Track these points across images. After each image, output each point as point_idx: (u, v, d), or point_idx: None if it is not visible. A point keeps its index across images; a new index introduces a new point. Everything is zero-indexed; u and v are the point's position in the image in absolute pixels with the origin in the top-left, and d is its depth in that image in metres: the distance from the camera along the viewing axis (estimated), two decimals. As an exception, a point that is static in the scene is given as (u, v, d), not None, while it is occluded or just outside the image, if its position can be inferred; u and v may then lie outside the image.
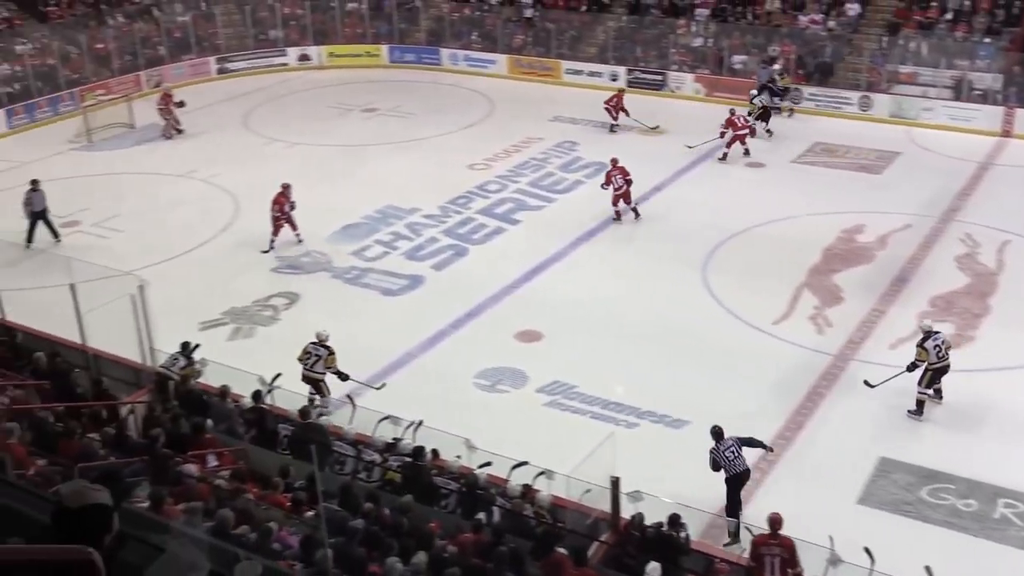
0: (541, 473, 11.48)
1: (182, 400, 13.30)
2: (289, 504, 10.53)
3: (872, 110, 27.26)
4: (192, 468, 10.94)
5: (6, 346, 14.70)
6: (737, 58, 29.51)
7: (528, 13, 33.26)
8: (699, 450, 13.07)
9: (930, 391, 14.12)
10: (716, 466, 12.10)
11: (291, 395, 13.35)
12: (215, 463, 11.77)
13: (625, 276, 18.50)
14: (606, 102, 26.90)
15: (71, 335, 14.59)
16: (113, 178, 24.41)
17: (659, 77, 30.24)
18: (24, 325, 15.30)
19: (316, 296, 18.14)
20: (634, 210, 21.09)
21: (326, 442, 12.23)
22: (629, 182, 20.92)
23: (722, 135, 24.45)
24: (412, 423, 12.56)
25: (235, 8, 34.97)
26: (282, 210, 19.87)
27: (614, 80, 30.32)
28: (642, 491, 10.91)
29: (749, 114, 25.37)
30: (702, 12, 30.94)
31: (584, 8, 32.79)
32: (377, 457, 12.06)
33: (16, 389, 12.71)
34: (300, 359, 14.37)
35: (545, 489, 11.35)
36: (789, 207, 21.19)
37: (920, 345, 13.97)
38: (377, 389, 14.64)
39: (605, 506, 10.91)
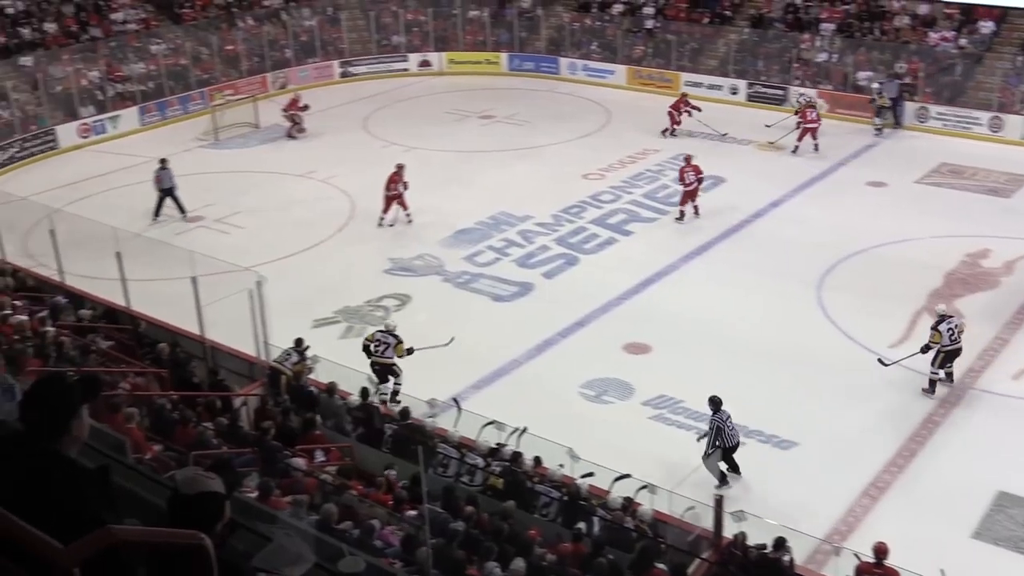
0: (644, 487, 11.39)
1: (293, 395, 13.60)
2: (391, 503, 10.66)
3: (1003, 131, 26.32)
4: (300, 462, 11.17)
5: (130, 334, 15.25)
6: (862, 74, 28.83)
7: (649, 24, 33.11)
8: (807, 473, 12.85)
9: (941, 373, 14.87)
10: (717, 435, 12.62)
11: (402, 397, 13.50)
12: (322, 458, 12.00)
13: (738, 291, 18.20)
14: (670, 107, 27.25)
15: (191, 326, 15.07)
16: (237, 176, 25.12)
17: (780, 92, 29.75)
18: (147, 315, 15.87)
19: (427, 299, 18.34)
20: (695, 208, 21.57)
21: (428, 443, 12.34)
22: (700, 180, 21.46)
23: (798, 125, 25.20)
24: (516, 429, 12.59)
25: (360, 14, 35.69)
26: (395, 188, 21.10)
27: (734, 93, 29.98)
28: (746, 511, 10.73)
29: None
30: (827, 27, 30.33)
31: (706, 20, 32.49)
32: (480, 461, 12.13)
33: (137, 376, 13.17)
34: (367, 348, 15.00)
35: (647, 503, 11.25)
36: (911, 228, 20.59)
37: (934, 328, 14.77)
38: (446, 345, 14.97)
39: (708, 524, 10.76)
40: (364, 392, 13.45)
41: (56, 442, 3.15)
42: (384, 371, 14.85)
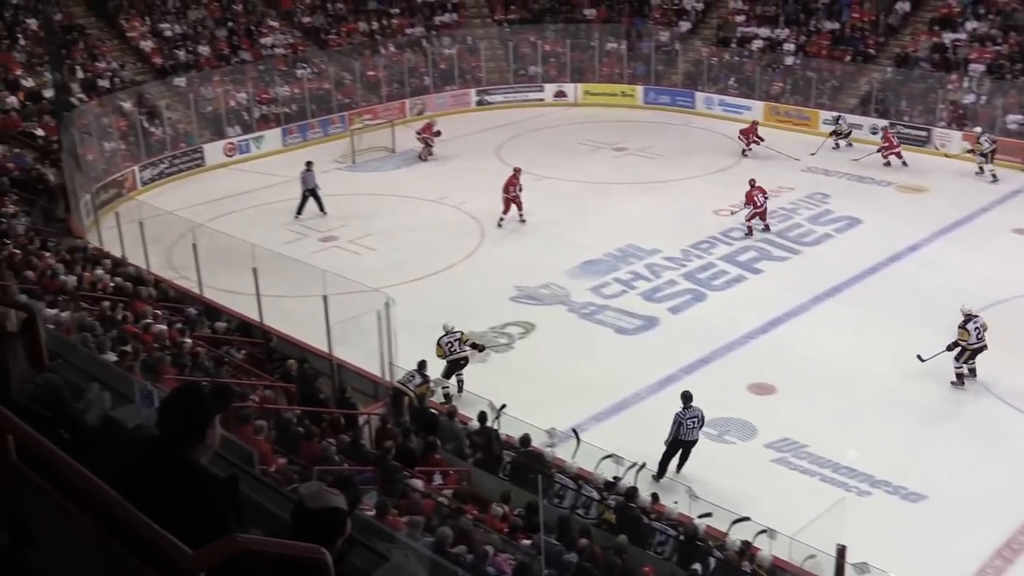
0: (763, 531, 11.14)
1: (414, 416, 13.78)
2: (506, 530, 10.67)
3: None
4: (418, 483, 11.29)
5: (261, 348, 15.72)
6: (1012, 118, 27.79)
7: (789, 60, 32.65)
8: (936, 528, 12.40)
9: (965, 368, 15.85)
10: (676, 431, 13.35)
11: (517, 422, 13.53)
12: (440, 481, 12.10)
13: (870, 336, 17.64)
14: (741, 132, 28.16)
15: (319, 343, 15.44)
16: (371, 198, 25.68)
17: (923, 133, 28.91)
18: (279, 330, 16.33)
19: (551, 328, 18.37)
20: (766, 227, 22.64)
21: (546, 472, 12.33)
22: (767, 198, 22.62)
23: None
24: (634, 464, 12.47)
25: (499, 43, 36.21)
26: (513, 191, 22.87)
27: (874, 133, 29.23)
28: (869, 563, 10.37)
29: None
30: (976, 68, 29.37)
31: (848, 58, 31.85)
32: (596, 494, 12.05)
33: (266, 389, 13.54)
34: (441, 354, 15.80)
35: (766, 548, 10.99)
36: (1059, 279, 19.67)
37: (962, 327, 15.79)
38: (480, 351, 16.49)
39: (828, 574, 10.43)
40: (482, 416, 13.53)
41: (190, 449, 3.27)
42: (453, 367, 15.82)
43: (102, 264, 17.40)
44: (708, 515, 11.46)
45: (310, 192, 24.18)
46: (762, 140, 28.15)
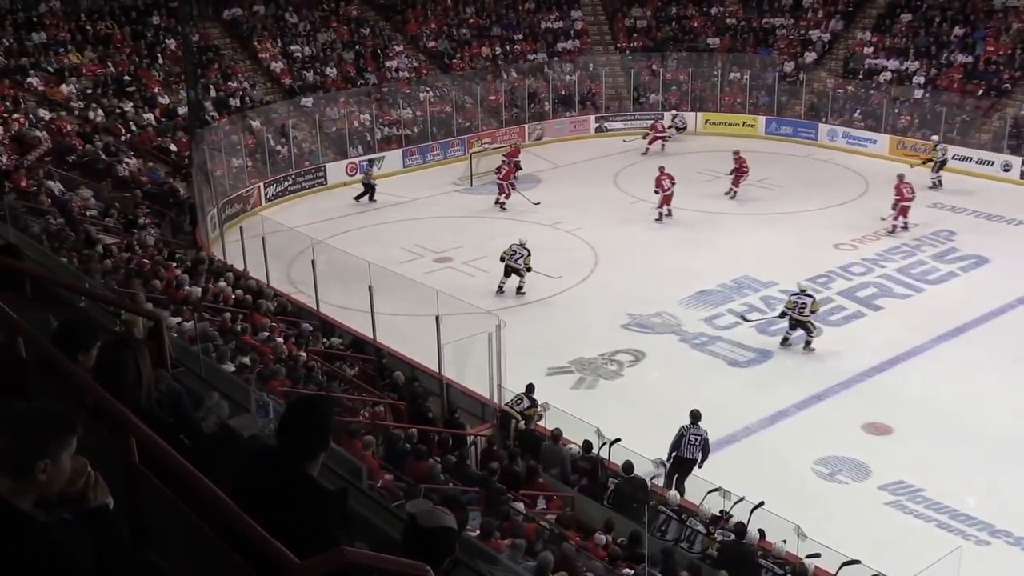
0: (874, 576, 10.81)
1: (520, 439, 13.81)
2: (607, 558, 10.60)
3: None
4: (521, 506, 11.30)
5: (373, 365, 15.97)
6: None
7: (918, 93, 31.84)
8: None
9: (792, 332, 18.18)
10: (676, 444, 13.62)
11: (623, 450, 13.43)
12: (543, 505, 12.09)
13: (993, 380, 16.99)
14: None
15: (429, 362, 15.61)
16: (487, 221, 25.92)
17: (1059, 171, 27.84)
18: (391, 347, 16.57)
19: (661, 356, 18.22)
20: (669, 212, 25.33)
21: (647, 500, 12.21)
22: (673, 184, 25.26)
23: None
24: (741, 499, 12.25)
25: (620, 70, 36.26)
26: (667, 187, 24.94)
27: (1006, 170, 28.31)
28: (986, 617, 9.97)
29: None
30: (1118, 105, 28.21)
31: (981, 92, 30.90)
32: (702, 528, 11.88)
33: (376, 405, 13.74)
34: (504, 255, 20.44)
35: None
36: None
37: (789, 297, 18.25)
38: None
39: (941, 625, 10.07)
40: (588, 444, 13.47)
41: (307, 462, 3.34)
42: (510, 271, 20.44)
43: (225, 277, 17.94)
44: (816, 555, 11.17)
45: (368, 187, 27.35)
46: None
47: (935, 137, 28.95)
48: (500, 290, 20.72)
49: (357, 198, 27.68)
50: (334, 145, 30.54)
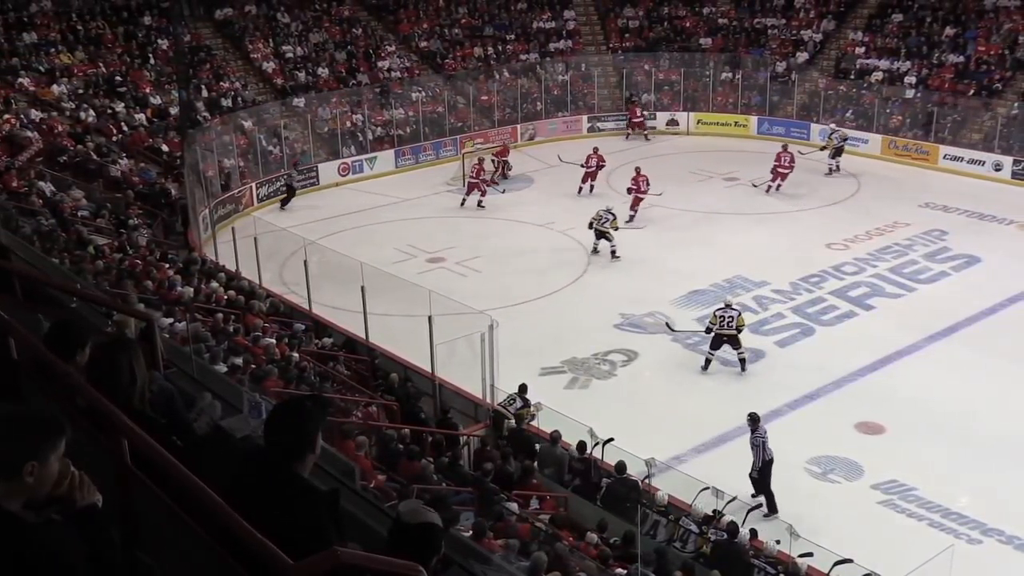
0: (867, 575, 10.82)
1: (513, 440, 13.80)
2: (600, 558, 10.60)
3: None
4: (514, 506, 11.30)
5: (366, 365, 15.96)
6: None
7: (909, 93, 31.92)
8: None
9: (714, 352, 17.55)
10: (763, 452, 13.37)
11: (616, 450, 13.44)
12: (536, 506, 12.09)
13: (985, 379, 17.04)
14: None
15: (422, 363, 15.60)
16: (480, 221, 25.92)
17: (1050, 171, 27.93)
18: (383, 348, 16.56)
19: (654, 356, 18.23)
20: (591, 188, 27.53)
21: (642, 502, 12.22)
22: (601, 167, 27.32)
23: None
24: (733, 499, 12.27)
25: (612, 71, 36.30)
26: (639, 190, 25.05)
27: (998, 170, 28.42)
28: (978, 615, 10.00)
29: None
30: (1109, 105, 28.30)
31: (972, 92, 30.97)
32: (695, 527, 11.89)
33: (369, 406, 13.73)
34: (592, 220, 22.58)
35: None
36: None
37: (714, 313, 17.76)
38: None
39: (934, 624, 10.10)
40: (582, 445, 13.47)
41: (295, 462, 3.34)
42: (599, 235, 22.55)
43: (217, 277, 17.91)
44: (809, 555, 11.20)
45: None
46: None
47: (832, 125, 30.30)
48: (595, 251, 23.02)
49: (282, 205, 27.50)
50: (326, 145, 30.52)
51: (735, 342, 17.51)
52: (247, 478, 3.34)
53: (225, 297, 16.59)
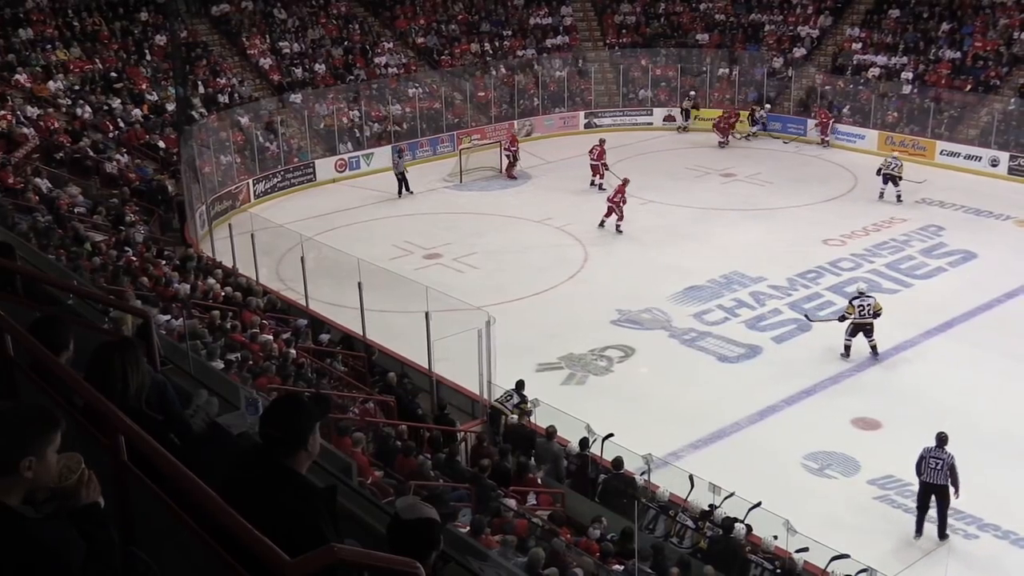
0: (864, 571, 10.85)
1: (511, 435, 13.81)
2: (598, 554, 10.62)
3: None
4: (512, 503, 11.31)
5: (363, 362, 15.96)
6: None
7: (906, 89, 31.93)
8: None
9: (851, 339, 17.55)
10: (918, 467, 12.71)
11: (617, 448, 13.45)
12: (534, 502, 12.10)
13: (981, 374, 17.07)
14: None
15: (419, 359, 15.61)
16: (477, 217, 25.92)
17: (1046, 166, 27.95)
18: (381, 344, 16.56)
19: (651, 352, 18.24)
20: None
21: (636, 495, 12.23)
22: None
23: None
24: (731, 494, 12.27)
25: (609, 67, 36.28)
26: (618, 199, 23.98)
27: (994, 166, 28.48)
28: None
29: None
30: (1105, 100, 28.30)
31: (969, 88, 30.99)
32: (691, 523, 11.91)
33: (366, 402, 13.74)
34: (881, 166, 24.19)
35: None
36: None
37: (850, 302, 17.80)
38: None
39: (931, 618, 10.12)
40: (584, 442, 13.46)
41: (291, 458, 3.34)
42: (887, 179, 23.85)
43: (214, 274, 17.91)
44: (805, 550, 11.22)
45: (400, 176, 26.78)
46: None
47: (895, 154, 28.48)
48: (880, 196, 25.53)
49: (400, 193, 27.54)
50: (323, 141, 30.49)
51: (871, 330, 17.59)
52: (244, 475, 3.35)
53: (222, 294, 16.60)
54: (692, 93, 33.87)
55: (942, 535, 12.50)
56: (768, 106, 33.13)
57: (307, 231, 21.90)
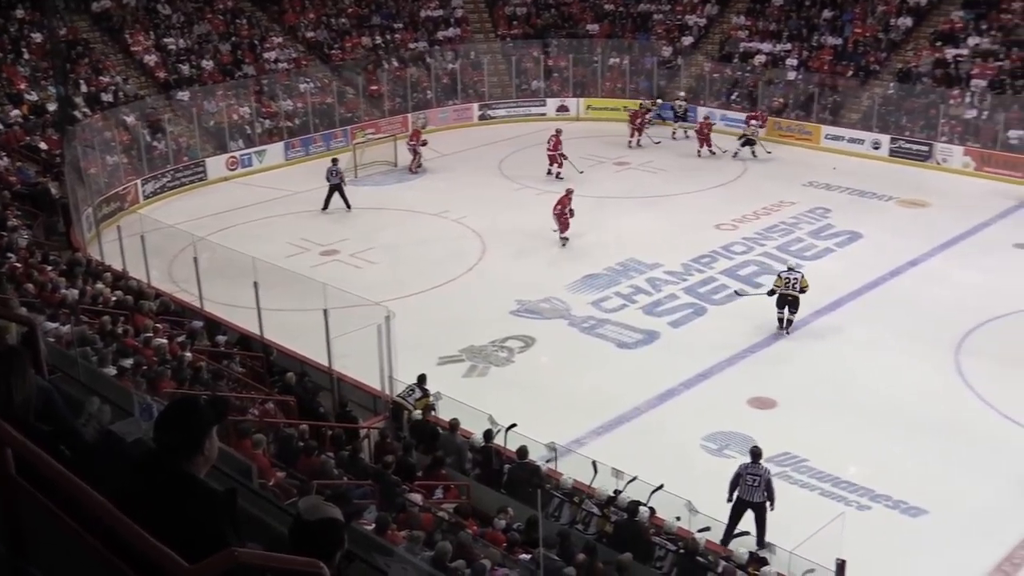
0: (762, 547, 11.11)
1: (414, 430, 13.78)
2: (505, 544, 10.66)
3: None
4: (417, 497, 11.28)
5: (261, 362, 15.72)
6: (1014, 133, 27.83)
7: (791, 76, 32.74)
8: (936, 542, 12.42)
9: (782, 312, 18.20)
10: (733, 484, 12.36)
11: (517, 436, 13.52)
12: (440, 495, 12.09)
13: (871, 351, 17.68)
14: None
15: (319, 357, 15.44)
16: (373, 212, 25.75)
17: (925, 148, 28.97)
18: (279, 343, 16.34)
19: (551, 342, 18.38)
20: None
21: (541, 484, 12.32)
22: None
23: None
24: (634, 478, 12.46)
25: (502, 58, 36.36)
26: (563, 211, 22.60)
27: (876, 148, 29.44)
28: (869, 578, 10.36)
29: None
30: (978, 83, 29.42)
31: (850, 74, 31.93)
32: (596, 509, 12.04)
33: (266, 403, 13.53)
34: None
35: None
36: (1061, 293, 19.67)
37: (779, 275, 18.50)
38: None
39: (828, 588, 10.42)
40: (487, 434, 13.50)
41: (187, 463, 3.28)
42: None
43: (103, 278, 17.39)
44: (707, 529, 11.45)
45: (335, 188, 25.33)
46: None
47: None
48: (735, 155, 28.48)
49: (324, 206, 25.57)
50: (213, 139, 29.89)
51: (795, 304, 18.18)
52: (140, 482, 3.27)
53: (112, 298, 16.13)
54: (681, 95, 33.19)
55: (762, 545, 12.25)
56: (660, 100, 33.34)
57: (200, 231, 21.46)
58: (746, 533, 11.48)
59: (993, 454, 14.49)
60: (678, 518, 11.72)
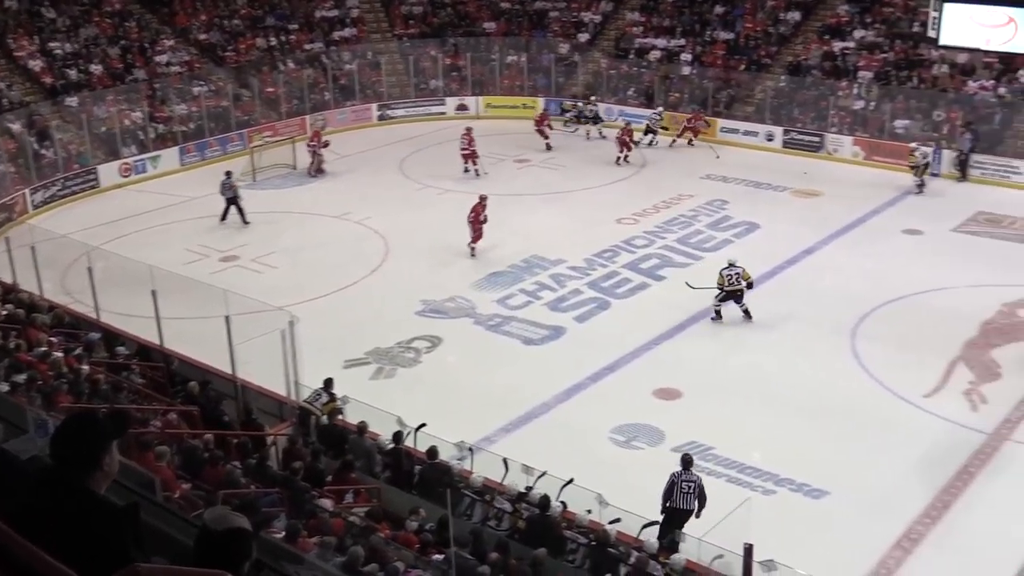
0: (672, 536, 11.27)
1: (322, 435, 13.63)
2: (418, 545, 10.63)
3: (1042, 180, 26.16)
4: (327, 503, 11.17)
5: (162, 372, 15.38)
6: (899, 123, 28.78)
7: (686, 70, 33.28)
8: (839, 522, 12.74)
9: (720, 304, 18.64)
10: (668, 493, 12.20)
11: (426, 436, 13.49)
12: (351, 500, 11.99)
13: (769, 339, 18.12)
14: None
15: (223, 365, 15.17)
16: (273, 216, 25.39)
17: (816, 139, 29.76)
18: (180, 353, 16.00)
19: (458, 341, 18.38)
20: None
21: (452, 483, 12.31)
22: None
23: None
24: (543, 473, 12.52)
25: (399, 58, 36.18)
26: (477, 219, 22.07)
27: (770, 140, 30.14)
28: (776, 561, 10.59)
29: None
30: (865, 75, 30.32)
31: (743, 68, 32.61)
32: (508, 506, 12.07)
33: (168, 414, 13.25)
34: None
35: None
36: (946, 277, 20.41)
37: (720, 272, 18.60)
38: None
39: (737, 573, 10.62)
40: (398, 436, 13.43)
41: (86, 478, 3.19)
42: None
43: (-8, 291, 16.83)
44: (617, 520, 11.57)
45: (231, 201, 24.50)
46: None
47: (913, 144, 26.86)
48: (637, 144, 28.24)
49: (222, 218, 24.66)
50: (104, 146, 29.09)
51: (740, 296, 18.62)
52: (37, 500, 3.17)
53: (3, 312, 15.61)
54: (660, 109, 31.55)
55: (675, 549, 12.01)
56: (595, 97, 33.10)
57: (93, 240, 20.92)
58: (656, 523, 11.63)
59: (890, 434, 14.97)
60: (589, 511, 11.82)
